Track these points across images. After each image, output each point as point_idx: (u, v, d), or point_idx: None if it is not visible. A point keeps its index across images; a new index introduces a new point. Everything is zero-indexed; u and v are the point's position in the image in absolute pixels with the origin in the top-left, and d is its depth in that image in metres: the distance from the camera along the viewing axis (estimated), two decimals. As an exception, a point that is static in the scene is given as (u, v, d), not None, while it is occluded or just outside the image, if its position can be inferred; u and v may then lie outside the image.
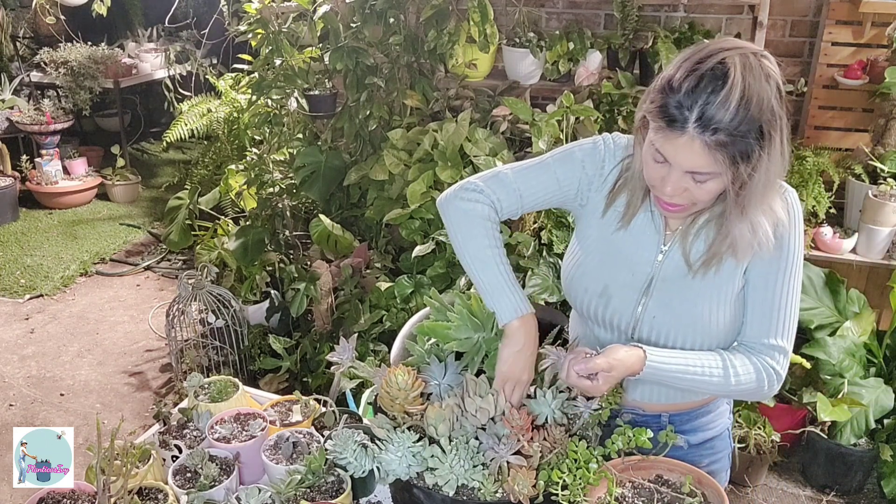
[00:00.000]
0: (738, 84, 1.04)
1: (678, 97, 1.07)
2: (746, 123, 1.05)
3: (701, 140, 1.06)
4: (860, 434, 2.57)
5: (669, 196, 1.16)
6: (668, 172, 1.14)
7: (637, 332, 1.32)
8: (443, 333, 1.31)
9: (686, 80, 1.07)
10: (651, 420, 1.40)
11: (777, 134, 1.08)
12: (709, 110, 1.04)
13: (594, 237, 1.35)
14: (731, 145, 1.06)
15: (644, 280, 1.29)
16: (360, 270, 3.10)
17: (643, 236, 1.29)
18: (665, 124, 1.09)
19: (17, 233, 4.90)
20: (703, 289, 1.25)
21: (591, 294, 1.34)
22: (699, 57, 1.08)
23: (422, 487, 1.20)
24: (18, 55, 5.75)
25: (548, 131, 2.79)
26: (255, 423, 1.55)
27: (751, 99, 1.04)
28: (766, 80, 1.07)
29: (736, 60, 1.06)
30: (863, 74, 2.93)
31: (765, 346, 1.26)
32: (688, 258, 1.25)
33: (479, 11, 2.97)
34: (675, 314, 1.28)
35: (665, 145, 1.11)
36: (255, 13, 3.16)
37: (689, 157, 1.09)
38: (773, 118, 1.07)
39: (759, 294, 1.24)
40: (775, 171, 1.11)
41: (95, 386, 3.38)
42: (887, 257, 2.81)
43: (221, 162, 4.31)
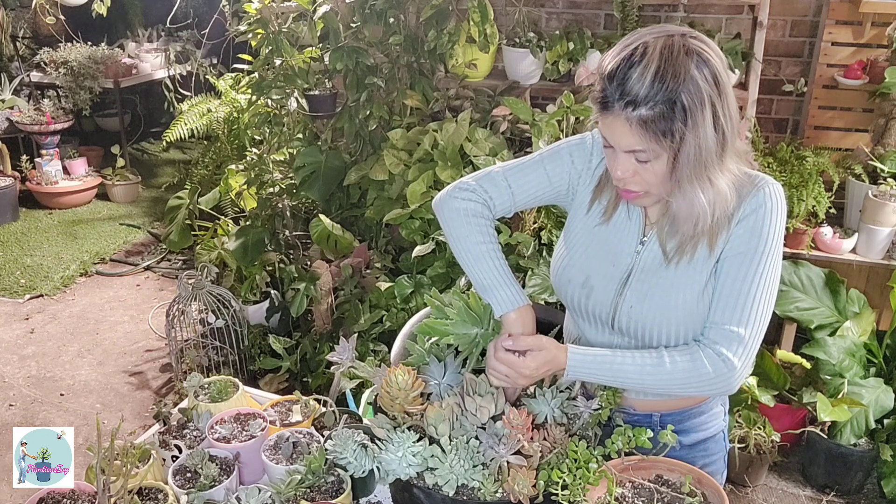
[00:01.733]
0: (654, 60, 1.09)
1: (605, 80, 1.13)
2: (662, 95, 1.08)
3: (625, 116, 1.11)
4: (860, 434, 2.57)
5: (621, 181, 1.20)
6: (615, 156, 1.19)
7: (616, 322, 1.33)
8: (441, 329, 1.31)
9: (611, 63, 1.13)
10: (643, 420, 1.40)
11: (704, 108, 1.10)
12: (627, 86, 1.10)
13: (579, 230, 1.38)
14: (652, 122, 1.10)
15: (624, 271, 1.32)
16: (360, 270, 3.10)
17: (624, 229, 1.32)
18: (600, 108, 1.15)
19: (17, 233, 4.90)
20: (677, 278, 1.26)
21: (574, 285, 1.37)
22: (626, 43, 1.13)
23: (422, 487, 1.20)
24: (18, 55, 5.75)
25: (548, 131, 2.79)
26: (255, 423, 1.55)
27: (666, 73, 1.08)
28: (687, 56, 1.09)
29: (658, 42, 1.10)
30: (863, 74, 2.93)
31: (722, 332, 1.23)
32: (664, 248, 1.27)
33: (479, 11, 2.97)
34: (652, 304, 1.28)
35: (605, 129, 1.17)
36: (255, 13, 3.16)
37: (622, 137, 1.14)
38: (697, 92, 1.09)
39: (728, 280, 1.23)
40: (708, 148, 1.12)
41: (95, 386, 3.38)
42: (887, 257, 2.81)
43: (221, 162, 4.31)
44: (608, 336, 1.37)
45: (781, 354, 2.75)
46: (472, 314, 1.30)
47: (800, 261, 2.80)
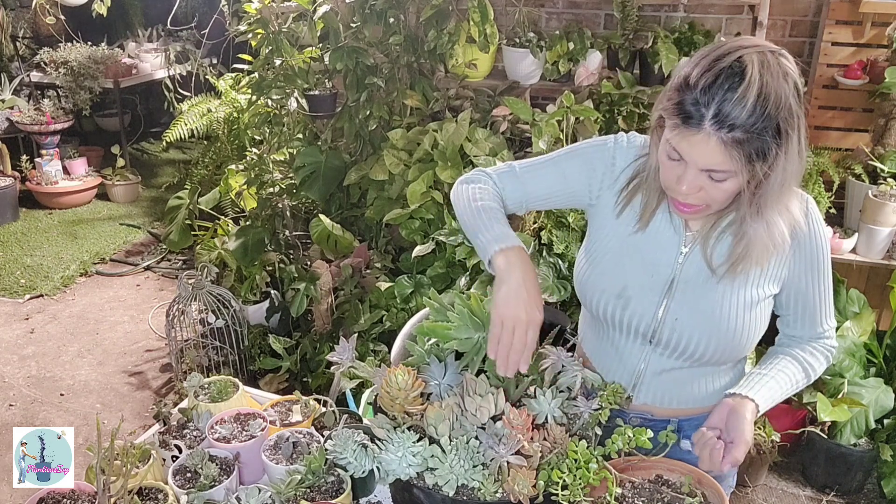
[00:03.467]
0: (756, 82, 1.03)
1: (695, 94, 1.06)
2: (763, 121, 1.04)
3: (717, 137, 1.05)
4: (860, 434, 2.57)
5: (684, 195, 1.14)
6: (683, 171, 1.13)
7: (658, 334, 1.30)
8: (443, 333, 1.31)
9: (703, 78, 1.06)
10: (659, 425, 1.39)
11: (794, 133, 1.07)
12: (725, 107, 1.04)
13: (609, 237, 1.33)
14: (748, 143, 1.05)
15: (665, 281, 1.28)
16: (360, 270, 3.10)
17: (662, 238, 1.28)
18: (681, 121, 1.08)
19: (17, 233, 4.90)
20: (727, 292, 1.25)
21: (608, 295, 1.32)
22: (717, 55, 1.07)
23: (422, 487, 1.20)
24: (18, 55, 5.75)
25: (548, 131, 2.79)
26: (255, 423, 1.55)
27: (768, 96, 1.04)
28: (784, 79, 1.06)
29: (754, 58, 1.05)
30: (863, 74, 2.93)
31: (819, 333, 1.34)
32: (709, 261, 1.24)
33: (479, 11, 2.97)
34: (699, 316, 1.27)
35: (681, 143, 1.10)
36: (255, 13, 3.16)
37: (705, 155, 1.08)
38: (791, 116, 1.06)
39: (806, 300, 1.30)
40: (792, 171, 1.10)
41: (95, 386, 3.38)
42: (887, 257, 2.81)
43: (221, 162, 4.31)
44: (641, 346, 1.35)
45: (781, 354, 2.74)
46: (475, 318, 1.30)
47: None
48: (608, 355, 1.41)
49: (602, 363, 1.42)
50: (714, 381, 1.39)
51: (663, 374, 1.36)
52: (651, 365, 1.36)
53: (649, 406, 1.41)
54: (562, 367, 1.31)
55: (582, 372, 1.30)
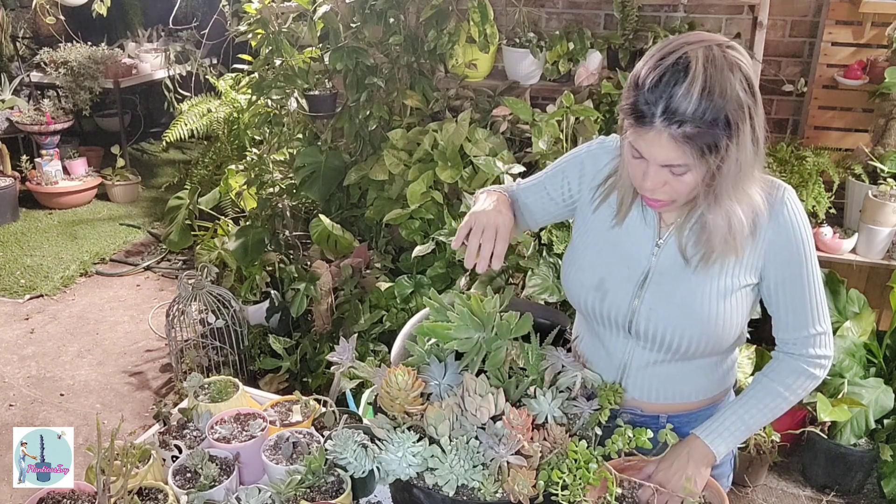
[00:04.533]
0: (700, 76, 1.06)
1: (644, 93, 1.09)
2: (710, 113, 1.06)
3: (668, 133, 1.08)
4: (860, 434, 2.57)
5: (650, 191, 1.18)
6: (646, 168, 1.16)
7: (634, 325, 1.32)
8: (443, 333, 1.31)
9: (650, 76, 1.09)
10: (650, 421, 1.40)
11: (745, 123, 1.09)
12: (672, 103, 1.07)
13: (588, 233, 1.38)
14: (698, 137, 1.08)
15: (640, 273, 1.31)
16: (360, 270, 3.10)
17: (638, 232, 1.32)
18: (634, 121, 1.11)
19: (17, 233, 4.90)
20: (702, 282, 1.26)
21: (587, 288, 1.36)
22: (663, 53, 1.11)
23: (422, 487, 1.20)
24: (18, 55, 5.75)
25: (548, 131, 2.79)
26: (255, 424, 1.55)
27: (713, 89, 1.06)
28: (731, 70, 1.08)
29: (699, 53, 1.07)
30: (863, 74, 2.93)
31: (807, 338, 1.30)
32: (684, 252, 1.27)
33: (479, 11, 2.97)
34: (673, 306, 1.28)
35: (638, 141, 1.14)
36: (255, 13, 3.16)
37: (660, 151, 1.11)
38: (741, 107, 1.08)
39: (788, 294, 1.27)
40: (747, 160, 1.13)
41: (95, 386, 3.38)
42: (887, 257, 2.81)
43: (221, 162, 4.31)
44: (624, 339, 1.36)
45: (781, 354, 2.74)
46: (475, 319, 1.30)
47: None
48: (596, 351, 1.43)
49: (592, 359, 1.44)
50: (701, 377, 1.39)
51: (648, 367, 1.37)
52: (635, 358, 1.37)
53: (638, 401, 1.41)
54: (562, 367, 1.31)
55: (582, 372, 1.30)
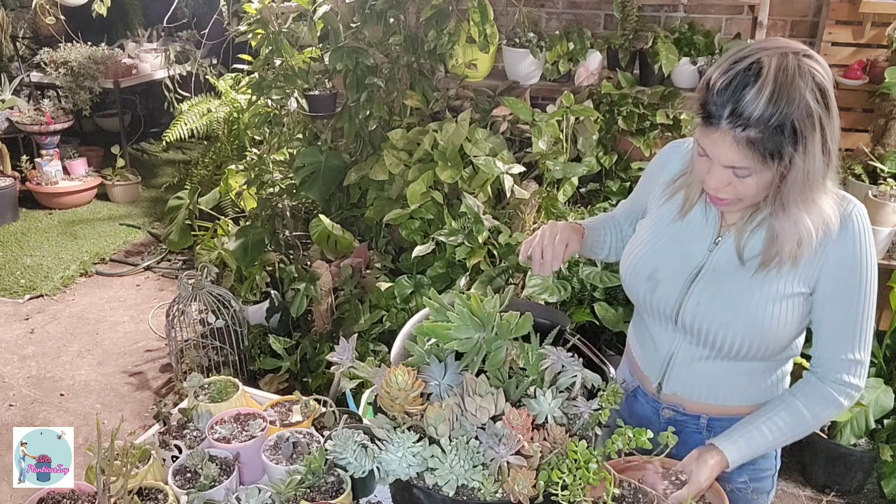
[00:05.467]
0: (770, 82, 1.07)
1: (713, 94, 1.12)
2: (776, 119, 1.07)
3: (732, 135, 1.10)
4: (860, 434, 2.57)
5: (713, 189, 1.20)
6: (710, 167, 1.18)
7: (680, 318, 1.33)
8: (443, 333, 1.31)
9: (721, 79, 1.11)
10: (690, 420, 1.40)
11: (814, 133, 1.10)
12: (739, 107, 1.09)
13: (650, 226, 1.41)
14: (761, 143, 1.09)
15: (693, 268, 1.32)
16: (360, 270, 3.10)
17: (697, 228, 1.34)
18: (702, 120, 1.14)
19: (17, 233, 4.90)
20: (753, 284, 1.26)
21: (640, 278, 1.38)
22: (737, 57, 1.12)
23: (422, 487, 1.20)
24: (18, 55, 5.75)
25: (548, 131, 2.79)
26: (255, 424, 1.55)
27: (781, 96, 1.07)
28: (802, 79, 1.08)
29: (773, 60, 1.09)
30: (863, 74, 2.93)
31: (843, 362, 1.27)
32: (741, 253, 1.27)
33: (479, 11, 2.97)
34: (720, 303, 1.28)
35: (704, 140, 1.16)
36: (255, 13, 3.16)
37: (724, 152, 1.13)
38: (809, 116, 1.08)
39: (835, 313, 1.25)
40: (815, 171, 1.13)
41: (95, 386, 3.38)
42: (887, 257, 2.81)
43: (221, 162, 4.32)
44: (671, 332, 1.38)
45: (781, 354, 2.74)
46: (475, 319, 1.30)
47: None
48: (645, 340, 1.45)
49: (641, 348, 1.47)
50: (746, 381, 1.37)
51: (693, 363, 1.37)
52: (681, 352, 1.37)
53: (679, 398, 1.41)
54: (562, 367, 1.31)
55: (582, 372, 1.30)
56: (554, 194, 2.81)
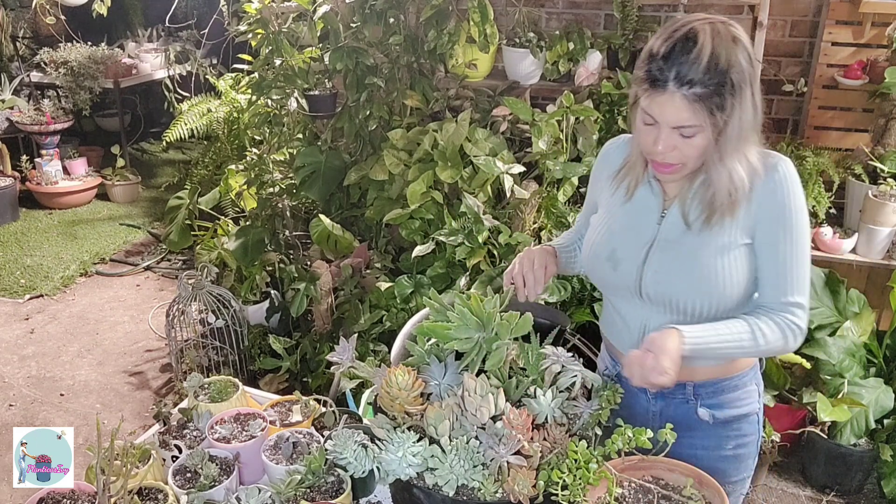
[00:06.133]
0: (707, 45, 1.21)
1: (658, 62, 1.24)
2: (717, 76, 1.21)
3: (680, 94, 1.22)
4: (860, 434, 2.57)
5: (661, 154, 1.30)
6: (658, 133, 1.28)
7: (643, 289, 1.40)
8: (443, 333, 1.31)
9: (663, 47, 1.24)
10: (677, 390, 1.43)
11: (747, 87, 1.24)
12: (683, 69, 1.22)
13: (604, 214, 1.50)
14: (707, 98, 1.22)
15: (647, 241, 1.41)
16: (360, 270, 3.10)
17: (645, 205, 1.43)
18: (650, 86, 1.25)
19: (17, 233, 4.90)
20: (701, 243, 1.35)
21: (601, 260, 1.46)
22: (673, 28, 1.26)
23: (422, 487, 1.20)
24: (18, 55, 5.75)
25: (548, 131, 2.79)
26: (255, 424, 1.55)
27: (719, 56, 1.21)
28: (733, 41, 1.23)
29: (706, 27, 1.23)
30: (863, 74, 2.93)
31: (783, 305, 1.34)
32: (686, 217, 1.37)
33: (479, 11, 2.97)
34: (675, 267, 1.37)
35: (652, 105, 1.27)
36: (255, 13, 3.16)
37: (673, 112, 1.24)
38: (742, 73, 1.23)
39: (770, 256, 1.34)
40: (748, 120, 1.26)
41: (95, 386, 3.38)
42: (887, 257, 2.81)
43: (221, 162, 4.31)
44: (639, 307, 1.44)
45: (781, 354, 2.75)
46: (475, 319, 1.30)
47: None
48: (616, 323, 1.51)
49: (614, 334, 1.53)
50: None
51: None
52: (651, 324, 1.42)
53: None
54: (562, 367, 1.31)
55: (582, 372, 1.30)
56: (554, 194, 2.81)
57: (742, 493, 1.55)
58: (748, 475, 1.54)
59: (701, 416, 1.44)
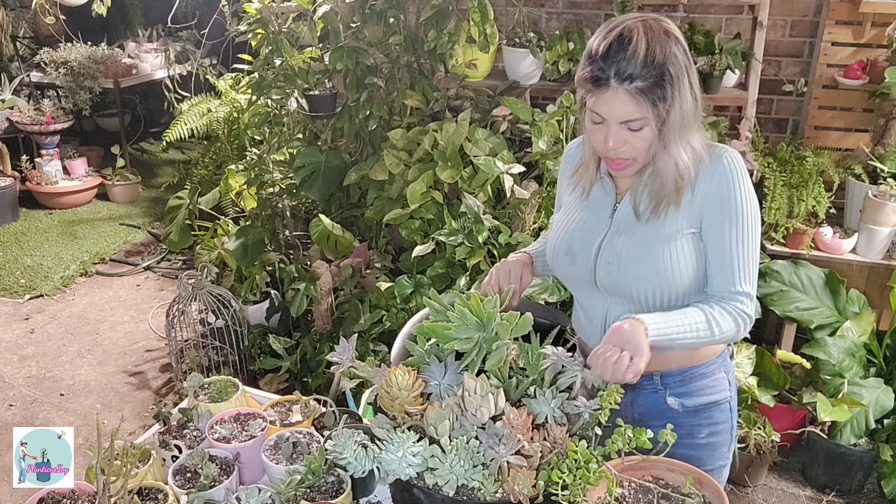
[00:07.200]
0: (642, 40, 1.26)
1: (598, 61, 1.29)
2: (655, 69, 1.26)
3: (623, 89, 1.27)
4: (860, 434, 2.57)
5: (613, 150, 1.34)
6: (607, 130, 1.33)
7: (598, 280, 1.45)
8: (443, 334, 1.31)
9: (601, 47, 1.29)
10: (645, 381, 1.44)
11: (684, 76, 1.29)
12: (622, 65, 1.26)
13: (563, 213, 1.56)
14: (649, 90, 1.27)
15: (600, 235, 1.46)
16: (360, 270, 3.10)
17: (599, 201, 1.49)
18: (593, 86, 1.30)
19: (17, 233, 4.90)
20: (650, 232, 1.40)
21: (560, 255, 1.51)
22: (608, 28, 1.31)
23: (422, 487, 1.20)
24: (18, 55, 5.75)
25: (548, 131, 2.79)
26: (255, 423, 1.55)
27: (655, 50, 1.26)
28: (666, 35, 1.29)
29: (638, 25, 1.28)
30: (863, 74, 2.93)
31: (731, 294, 1.38)
32: (636, 209, 1.42)
33: (479, 11, 2.97)
34: (626, 258, 1.41)
35: (598, 104, 1.32)
36: (255, 13, 3.16)
37: (619, 108, 1.29)
38: (678, 64, 1.28)
39: (716, 246, 1.38)
40: (688, 108, 1.31)
41: (95, 386, 3.38)
42: (887, 257, 2.81)
43: (221, 162, 4.31)
44: (598, 298, 1.48)
45: (781, 354, 2.75)
46: (475, 319, 1.30)
47: (800, 261, 2.80)
48: (580, 319, 1.56)
49: (580, 328, 1.56)
50: None
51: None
52: (611, 314, 1.46)
53: None
54: (562, 367, 1.31)
55: (582, 372, 1.30)
56: (554, 194, 2.80)
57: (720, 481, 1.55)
58: (724, 463, 1.55)
59: (670, 404, 1.48)
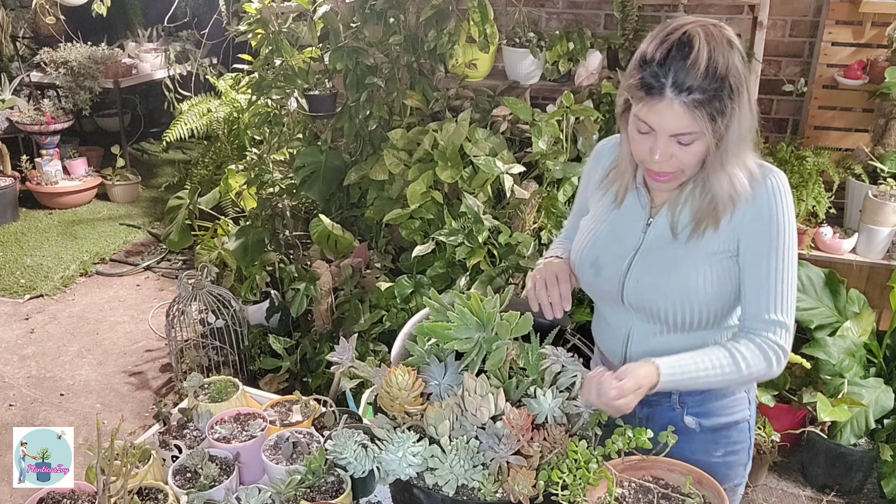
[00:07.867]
0: (704, 49, 1.17)
1: (653, 68, 1.19)
2: (716, 81, 1.17)
3: (679, 101, 1.18)
4: (860, 434, 2.57)
5: (658, 164, 1.25)
6: (654, 141, 1.24)
7: (624, 297, 1.39)
8: (443, 333, 1.31)
9: (658, 52, 1.19)
10: (663, 398, 1.42)
11: (744, 90, 1.21)
12: (680, 75, 1.17)
13: (592, 219, 1.48)
14: (707, 103, 1.17)
15: (632, 249, 1.39)
16: (360, 270, 3.10)
17: (632, 213, 1.40)
18: (645, 94, 1.20)
19: (17, 233, 4.90)
20: (685, 252, 1.33)
21: (585, 265, 1.45)
22: (666, 32, 1.21)
23: (422, 487, 1.20)
24: (18, 55, 5.75)
25: (548, 131, 2.78)
26: (255, 424, 1.55)
27: (717, 60, 1.17)
28: (728, 45, 1.19)
29: (699, 31, 1.18)
30: (863, 74, 2.93)
31: (765, 323, 1.30)
32: (674, 227, 1.34)
33: (479, 11, 2.97)
34: (656, 277, 1.34)
35: (649, 114, 1.22)
36: (255, 13, 3.16)
37: (672, 120, 1.20)
38: (739, 76, 1.19)
39: (753, 271, 1.30)
40: (747, 125, 1.23)
41: (95, 386, 3.38)
42: (887, 257, 2.81)
43: (221, 162, 4.32)
44: (622, 313, 1.43)
45: (781, 354, 2.74)
46: (475, 319, 1.30)
47: (800, 261, 2.79)
48: (602, 327, 1.51)
49: (600, 339, 1.53)
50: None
51: (649, 339, 1.40)
52: (635, 331, 1.42)
53: None
54: (562, 367, 1.31)
55: (582, 372, 1.30)
56: (554, 194, 2.81)
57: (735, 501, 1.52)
58: (740, 482, 1.52)
59: (687, 423, 1.43)
